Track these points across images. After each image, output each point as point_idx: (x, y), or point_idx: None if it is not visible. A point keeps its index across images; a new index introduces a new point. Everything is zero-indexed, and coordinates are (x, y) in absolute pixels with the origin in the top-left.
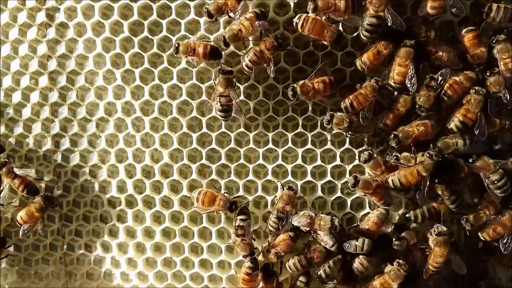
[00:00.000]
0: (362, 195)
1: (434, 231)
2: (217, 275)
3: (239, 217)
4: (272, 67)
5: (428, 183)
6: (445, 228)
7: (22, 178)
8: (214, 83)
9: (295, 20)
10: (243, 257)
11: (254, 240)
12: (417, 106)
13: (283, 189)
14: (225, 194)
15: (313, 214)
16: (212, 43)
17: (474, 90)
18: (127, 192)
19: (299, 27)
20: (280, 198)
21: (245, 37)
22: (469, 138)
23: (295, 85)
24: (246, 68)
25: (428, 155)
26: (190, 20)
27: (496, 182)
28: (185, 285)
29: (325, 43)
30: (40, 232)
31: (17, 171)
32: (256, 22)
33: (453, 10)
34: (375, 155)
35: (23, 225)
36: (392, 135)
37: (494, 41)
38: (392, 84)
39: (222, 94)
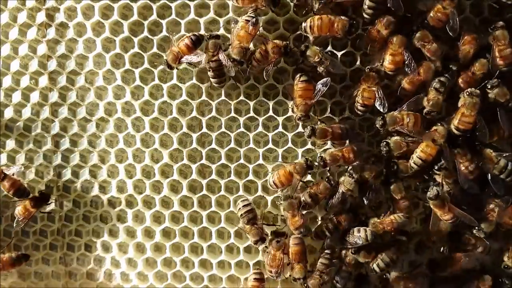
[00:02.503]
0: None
1: (427, 196)
2: (217, 275)
3: (242, 205)
4: (270, 71)
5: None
6: (434, 192)
7: (12, 181)
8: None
9: (302, 26)
10: (254, 243)
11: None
12: (426, 111)
13: (325, 180)
14: (296, 162)
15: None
16: (189, 34)
17: (467, 93)
18: (127, 192)
19: (308, 31)
20: (317, 185)
21: (247, 46)
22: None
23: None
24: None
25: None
26: (190, 20)
27: (502, 170)
28: (185, 285)
29: (339, 36)
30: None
31: (7, 171)
32: (248, 25)
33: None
34: (318, 126)
35: (18, 218)
36: (381, 117)
37: (492, 27)
38: (385, 71)
39: (211, 59)
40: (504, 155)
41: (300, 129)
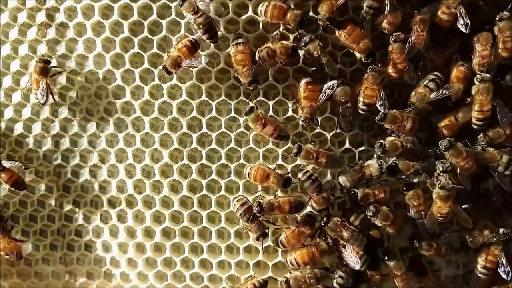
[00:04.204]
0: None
1: (439, 184)
2: (217, 275)
3: (239, 205)
4: (274, 70)
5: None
6: (450, 185)
7: (11, 173)
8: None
9: (336, 32)
10: (256, 239)
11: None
12: (409, 101)
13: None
14: (278, 171)
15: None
16: (190, 38)
17: (478, 79)
18: (127, 192)
19: (336, 33)
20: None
21: (251, 65)
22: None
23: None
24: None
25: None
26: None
27: (507, 166)
28: (185, 285)
29: (358, 54)
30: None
31: (5, 164)
32: (240, 47)
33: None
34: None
35: (37, 92)
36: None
37: (498, 19)
38: (389, 79)
39: (197, 17)
40: (506, 150)
41: (300, 129)
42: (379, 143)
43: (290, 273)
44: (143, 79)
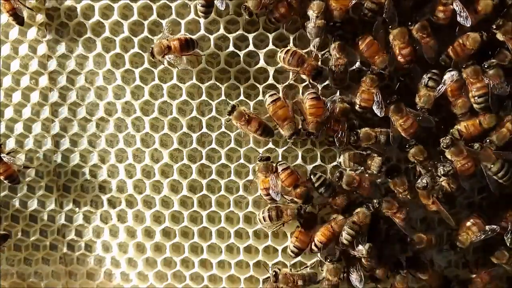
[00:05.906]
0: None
1: (416, 185)
2: (217, 275)
3: (262, 214)
4: (292, 78)
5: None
6: (424, 183)
7: (6, 167)
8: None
9: (357, 40)
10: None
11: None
12: (418, 107)
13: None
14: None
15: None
16: (185, 35)
17: (464, 66)
18: (127, 192)
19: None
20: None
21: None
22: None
23: None
24: (282, 61)
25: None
26: (190, 20)
27: (497, 172)
28: (185, 285)
29: (374, 67)
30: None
31: (4, 158)
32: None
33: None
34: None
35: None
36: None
37: (495, 27)
38: (400, 66)
39: None
40: (501, 153)
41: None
42: (355, 131)
43: (279, 269)
44: (143, 79)
